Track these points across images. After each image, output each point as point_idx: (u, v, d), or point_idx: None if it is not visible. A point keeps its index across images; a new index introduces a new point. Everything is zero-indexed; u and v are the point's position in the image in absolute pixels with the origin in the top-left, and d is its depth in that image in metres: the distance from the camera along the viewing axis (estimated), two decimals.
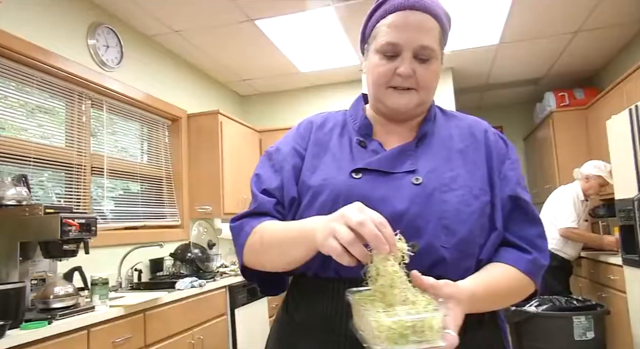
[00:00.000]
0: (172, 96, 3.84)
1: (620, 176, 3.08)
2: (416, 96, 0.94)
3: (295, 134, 1.04)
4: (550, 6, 3.36)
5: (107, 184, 3.13)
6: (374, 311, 0.67)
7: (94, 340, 2.01)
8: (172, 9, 3.18)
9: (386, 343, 0.64)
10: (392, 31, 0.92)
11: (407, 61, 0.91)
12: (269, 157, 1.03)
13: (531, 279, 0.89)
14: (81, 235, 2.07)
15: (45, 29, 2.65)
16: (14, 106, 2.50)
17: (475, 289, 0.78)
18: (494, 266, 0.88)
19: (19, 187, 2.15)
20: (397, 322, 0.64)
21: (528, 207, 0.94)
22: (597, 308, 3.04)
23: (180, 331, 2.63)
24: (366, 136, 0.99)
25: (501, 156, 0.97)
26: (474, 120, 1.04)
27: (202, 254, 3.38)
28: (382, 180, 0.89)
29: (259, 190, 0.98)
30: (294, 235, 0.82)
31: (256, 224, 0.92)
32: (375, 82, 0.96)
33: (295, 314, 0.94)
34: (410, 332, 0.64)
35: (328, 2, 3.16)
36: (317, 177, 0.93)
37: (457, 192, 0.88)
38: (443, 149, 0.95)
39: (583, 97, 4.77)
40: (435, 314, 0.66)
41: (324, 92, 4.90)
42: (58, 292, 1.99)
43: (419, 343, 0.64)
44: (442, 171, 0.90)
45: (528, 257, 0.89)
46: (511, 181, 0.95)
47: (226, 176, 3.94)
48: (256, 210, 0.95)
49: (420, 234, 0.83)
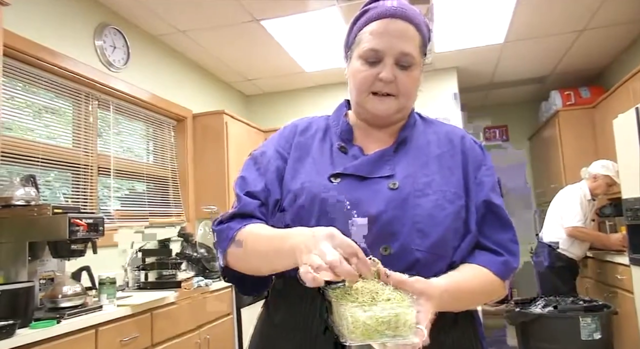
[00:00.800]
0: (177, 96, 3.86)
1: (627, 175, 3.07)
2: (395, 102, 0.97)
3: (279, 137, 1.06)
4: (555, 4, 3.34)
5: (113, 184, 3.15)
6: (349, 306, 0.69)
7: (101, 339, 2.02)
8: (178, 10, 3.19)
9: (361, 337, 0.67)
10: (375, 38, 0.94)
11: (389, 67, 0.94)
12: (254, 160, 1.04)
13: (502, 281, 0.92)
14: (89, 235, 2.09)
15: (53, 30, 2.67)
16: (20, 107, 2.52)
17: (447, 287, 0.80)
18: (467, 267, 0.91)
19: (27, 187, 2.16)
20: (372, 317, 0.66)
21: (501, 212, 0.96)
22: (604, 308, 3.02)
23: (186, 331, 2.64)
24: (347, 141, 1.01)
25: (477, 162, 1.00)
26: (451, 127, 1.07)
27: (208, 253, 3.39)
28: (359, 184, 0.91)
29: (243, 192, 0.97)
30: (279, 247, 0.82)
31: (239, 228, 0.92)
32: (357, 87, 0.98)
33: (275, 315, 0.95)
34: (385, 327, 0.67)
35: (333, 2, 3.17)
36: (297, 181, 0.95)
37: (431, 197, 0.90)
38: (420, 154, 0.98)
39: (589, 96, 4.75)
40: (409, 310, 0.69)
41: (328, 92, 4.90)
42: (66, 291, 2.00)
43: (393, 337, 0.67)
44: (418, 176, 0.93)
45: (500, 260, 0.92)
46: (486, 186, 0.97)
47: (232, 176, 3.95)
48: (239, 211, 0.95)
49: (395, 238, 0.86)
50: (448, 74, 4.59)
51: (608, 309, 3.01)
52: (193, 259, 3.30)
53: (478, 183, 0.97)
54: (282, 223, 0.92)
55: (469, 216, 0.93)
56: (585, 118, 4.61)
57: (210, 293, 2.94)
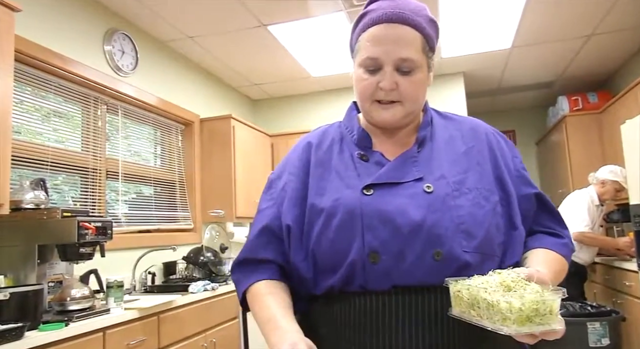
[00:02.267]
0: (185, 100, 3.88)
1: (635, 180, 3.05)
2: (401, 109, 0.93)
3: (294, 159, 1.03)
4: (563, 10, 3.34)
5: (121, 187, 3.17)
6: (502, 294, 0.70)
7: (109, 342, 2.03)
8: (187, 16, 3.22)
9: (515, 324, 0.67)
10: (372, 45, 0.92)
11: (389, 75, 0.90)
12: (269, 185, 1.05)
13: (566, 262, 0.95)
14: (97, 238, 2.11)
15: (63, 35, 2.70)
16: (30, 111, 2.55)
17: (551, 275, 0.81)
18: (541, 252, 0.92)
19: (37, 191, 2.18)
20: (526, 304, 0.67)
21: (548, 201, 0.99)
22: (612, 314, 3.00)
23: (193, 334, 2.65)
24: (366, 148, 0.98)
25: (506, 155, 0.98)
26: (473, 121, 1.04)
27: (215, 257, 3.41)
28: (394, 192, 0.89)
29: (256, 229, 1.00)
30: (263, 329, 0.90)
31: (248, 285, 0.97)
32: (360, 96, 0.97)
33: (319, 329, 0.93)
34: (534, 314, 0.67)
35: (339, 7, 3.18)
36: (327, 198, 0.92)
37: (468, 196, 0.88)
38: (447, 152, 0.95)
39: (597, 101, 4.73)
40: (556, 297, 0.69)
41: (335, 97, 4.92)
42: (75, 294, 2.02)
43: (541, 325, 0.68)
44: (450, 175, 0.91)
45: (562, 242, 0.95)
46: (528, 179, 0.98)
47: (238, 180, 3.96)
48: (250, 256, 0.99)
49: (442, 242, 0.84)
50: (455, 79, 4.59)
51: (616, 314, 2.99)
52: (200, 263, 3.32)
53: (518, 176, 0.96)
54: (324, 242, 0.89)
55: (511, 211, 0.92)
56: (593, 123, 4.59)
57: (217, 297, 2.94)
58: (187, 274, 3.35)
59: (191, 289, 2.79)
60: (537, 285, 0.72)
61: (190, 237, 3.76)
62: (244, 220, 4.12)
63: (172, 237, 3.51)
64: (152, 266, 3.18)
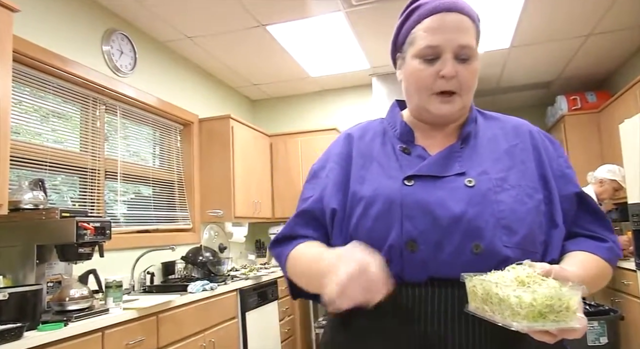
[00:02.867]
0: (184, 100, 3.89)
1: (633, 180, 3.06)
2: (459, 101, 0.94)
3: (335, 150, 1.05)
4: (561, 9, 3.34)
5: (119, 188, 3.17)
6: (512, 288, 0.67)
7: (108, 342, 2.03)
8: (185, 16, 3.23)
9: (525, 320, 0.64)
10: (430, 34, 0.92)
11: (450, 62, 0.91)
12: (313, 175, 1.06)
13: (611, 267, 0.91)
14: (96, 238, 2.11)
15: (61, 36, 2.70)
16: (28, 111, 2.55)
17: (581, 273, 0.79)
18: (579, 254, 0.89)
19: (35, 191, 2.19)
20: (538, 299, 0.64)
21: (592, 203, 0.96)
22: (610, 313, 3.00)
23: (192, 334, 2.65)
24: (408, 142, 0.99)
25: (551, 154, 0.98)
26: (517, 120, 1.05)
27: (214, 257, 3.41)
28: (435, 184, 0.89)
29: (297, 211, 1.02)
30: (312, 273, 0.86)
31: (290, 250, 0.97)
32: (417, 89, 0.95)
33: (354, 320, 0.92)
34: (548, 310, 0.64)
35: (338, 7, 3.19)
36: (367, 187, 0.93)
37: (510, 192, 0.88)
38: (489, 149, 0.96)
39: (595, 100, 4.73)
40: (574, 294, 0.66)
41: (334, 97, 4.91)
42: (74, 294, 2.02)
43: (556, 322, 0.65)
44: (492, 172, 0.91)
45: (606, 246, 0.91)
46: (571, 178, 0.96)
47: (237, 180, 3.96)
48: (289, 233, 1.01)
49: (482, 235, 0.83)
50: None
51: (615, 313, 2.99)
52: (198, 263, 3.32)
53: (561, 175, 0.95)
54: (362, 229, 0.91)
55: (553, 210, 0.91)
56: (591, 123, 4.60)
57: (216, 297, 2.95)
58: (186, 274, 3.35)
59: (190, 289, 2.79)
60: (555, 281, 0.70)
61: (189, 237, 3.76)
62: (242, 220, 4.12)
63: (171, 237, 3.52)
64: (151, 266, 3.18)
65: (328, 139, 4.54)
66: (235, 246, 4.37)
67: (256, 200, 4.29)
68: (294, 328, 4.14)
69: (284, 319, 3.94)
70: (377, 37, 3.69)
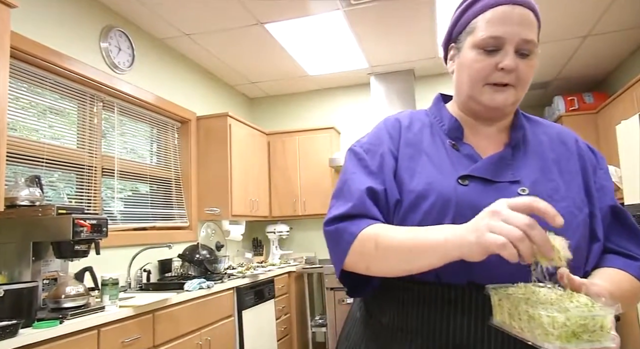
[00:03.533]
0: (181, 98, 3.88)
1: (630, 181, 3.07)
2: (514, 93, 0.91)
3: (385, 134, 1.00)
4: (559, 10, 3.35)
5: (116, 185, 3.16)
6: (544, 307, 0.64)
7: (103, 340, 2.03)
8: (183, 13, 3.22)
9: (558, 341, 0.61)
10: (494, 25, 0.89)
11: (511, 55, 0.89)
12: (359, 157, 0.98)
13: None
14: (92, 236, 2.10)
15: (59, 32, 2.69)
16: (25, 107, 2.54)
17: (612, 290, 0.77)
18: (609, 271, 0.86)
19: (32, 188, 2.18)
20: (572, 319, 0.61)
21: (628, 218, 0.94)
22: None
23: (188, 332, 2.65)
24: (457, 138, 0.97)
25: (594, 166, 0.96)
26: (561, 128, 1.03)
27: (210, 255, 3.40)
28: (489, 189, 0.87)
29: (356, 191, 0.92)
30: (421, 244, 0.78)
31: (362, 227, 0.87)
32: (472, 78, 0.93)
33: (382, 317, 0.91)
34: (582, 330, 0.62)
35: (337, 6, 3.18)
36: (418, 180, 0.90)
37: (561, 204, 0.85)
38: (538, 157, 0.94)
39: (593, 101, 4.74)
40: (607, 313, 0.63)
41: (332, 96, 4.91)
42: (69, 292, 2.01)
43: (590, 342, 0.62)
44: (543, 182, 0.89)
45: (637, 264, 0.88)
46: (608, 191, 0.94)
47: (235, 178, 3.96)
48: (355, 211, 0.90)
49: None
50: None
51: None
52: (195, 261, 3.31)
53: (599, 188, 0.93)
54: (409, 222, 0.88)
55: (595, 223, 0.89)
56: (589, 124, 4.60)
57: (212, 295, 2.94)
58: (182, 272, 3.34)
59: (186, 287, 2.79)
60: (586, 297, 0.67)
61: (186, 235, 3.75)
62: (239, 218, 4.12)
63: (168, 235, 3.51)
64: (147, 263, 3.17)
65: (326, 137, 4.55)
66: (232, 244, 4.36)
67: (253, 198, 4.28)
68: (290, 327, 4.14)
69: (281, 317, 3.94)
70: (376, 36, 3.69)
